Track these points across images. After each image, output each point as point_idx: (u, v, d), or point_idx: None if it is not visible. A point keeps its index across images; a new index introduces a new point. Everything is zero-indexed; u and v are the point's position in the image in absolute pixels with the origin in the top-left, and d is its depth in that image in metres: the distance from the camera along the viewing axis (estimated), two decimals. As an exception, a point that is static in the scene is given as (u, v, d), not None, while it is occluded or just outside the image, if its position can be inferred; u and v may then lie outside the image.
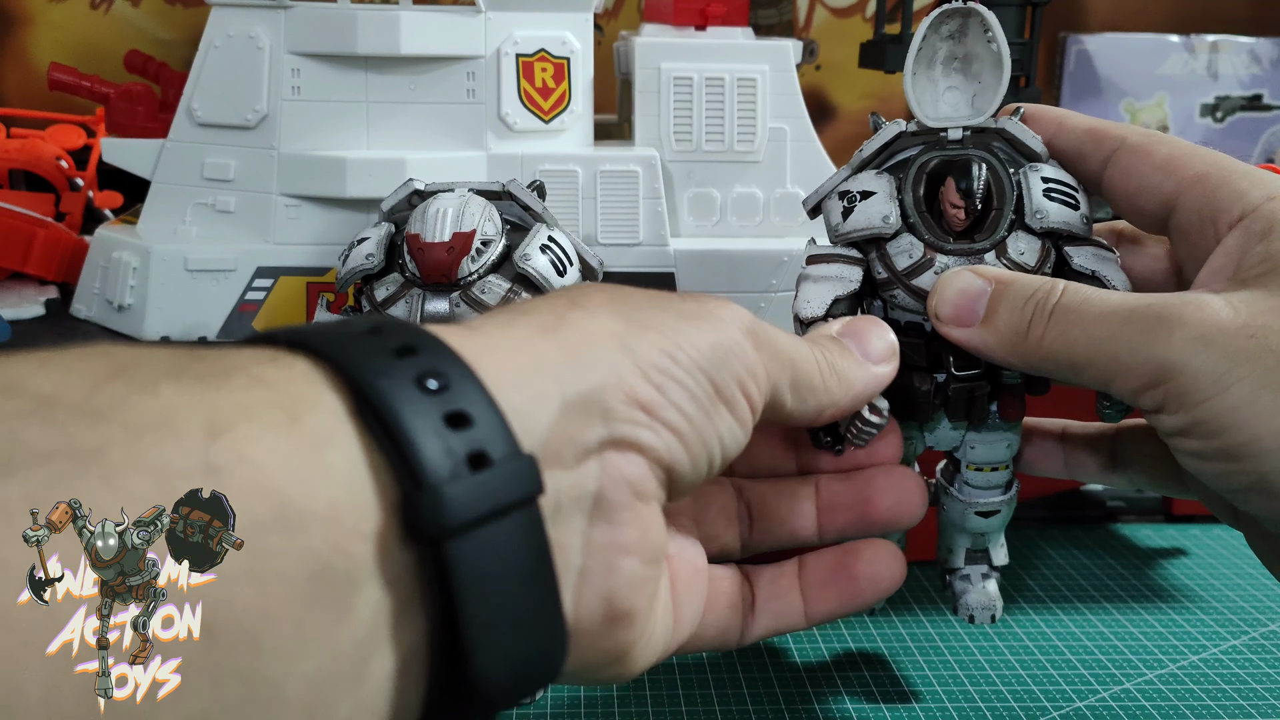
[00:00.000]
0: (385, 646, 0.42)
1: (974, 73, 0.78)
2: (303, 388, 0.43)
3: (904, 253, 0.74)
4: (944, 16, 0.77)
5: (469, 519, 0.42)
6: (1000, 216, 0.74)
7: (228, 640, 0.36)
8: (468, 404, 0.44)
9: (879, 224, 0.74)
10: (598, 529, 0.51)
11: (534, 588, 0.45)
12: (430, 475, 0.42)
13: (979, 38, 0.77)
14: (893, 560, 0.72)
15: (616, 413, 0.51)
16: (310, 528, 0.39)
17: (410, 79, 1.00)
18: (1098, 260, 0.73)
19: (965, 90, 0.78)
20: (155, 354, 0.41)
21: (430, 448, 0.42)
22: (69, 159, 1.27)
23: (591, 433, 0.50)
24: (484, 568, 0.42)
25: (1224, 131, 1.70)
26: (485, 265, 0.83)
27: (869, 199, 0.75)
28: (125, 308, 0.99)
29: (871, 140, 0.78)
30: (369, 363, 0.43)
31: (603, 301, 0.55)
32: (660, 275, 1.02)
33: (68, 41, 1.55)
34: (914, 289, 0.74)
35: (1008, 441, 0.80)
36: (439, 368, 0.45)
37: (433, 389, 0.44)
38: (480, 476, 0.43)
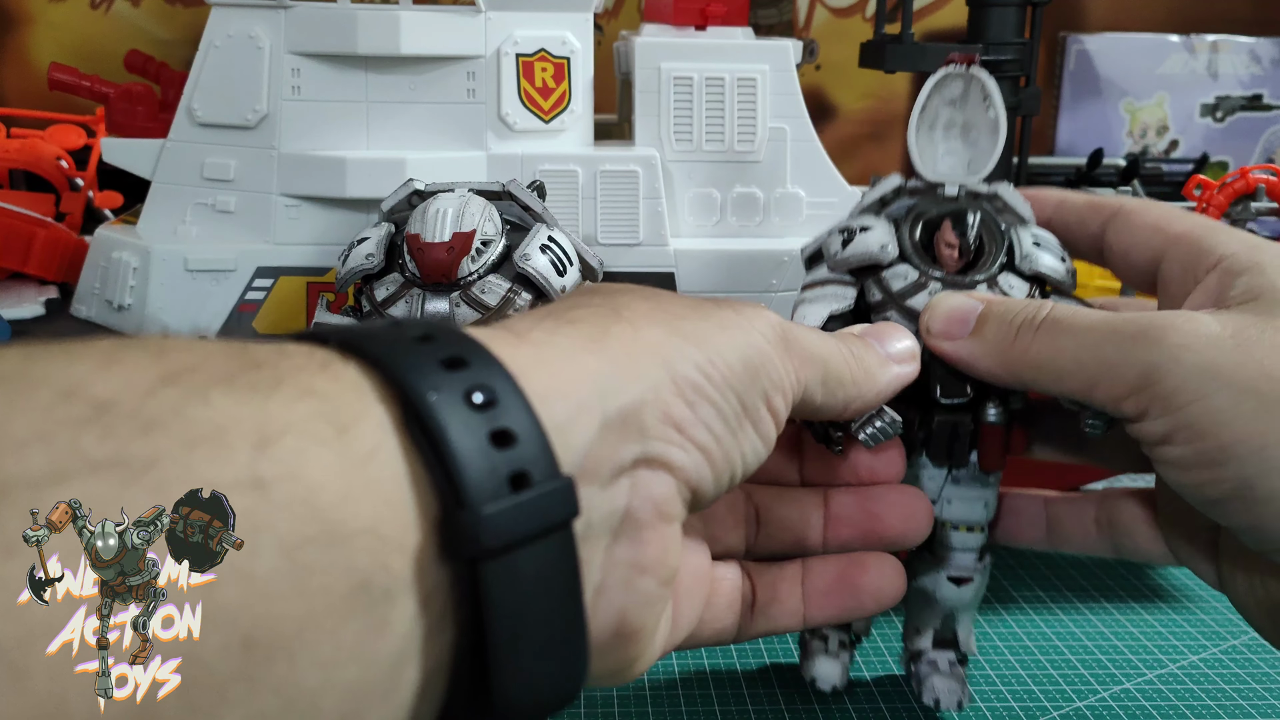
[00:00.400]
0: (415, 660, 0.42)
1: (971, 140, 0.82)
2: (351, 398, 0.43)
3: (900, 276, 0.77)
4: (947, 79, 0.81)
5: (506, 541, 0.42)
6: (991, 261, 0.77)
7: (266, 652, 0.37)
8: (513, 422, 0.44)
9: (876, 251, 0.77)
10: (621, 546, 0.51)
11: (562, 611, 0.45)
12: (472, 495, 0.42)
13: (978, 105, 0.81)
14: (896, 575, 0.73)
15: (651, 430, 0.51)
16: (353, 542, 0.39)
17: (410, 79, 1.00)
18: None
19: (962, 155, 0.83)
20: (210, 357, 0.42)
21: (475, 467, 0.42)
22: (69, 159, 1.27)
23: (628, 450, 0.50)
24: (517, 589, 0.43)
25: (1224, 131, 1.70)
26: (485, 265, 0.83)
27: (867, 232, 0.78)
28: (125, 308, 0.99)
29: (871, 191, 0.82)
30: (419, 374, 0.44)
31: (645, 311, 0.55)
32: (660, 275, 1.02)
33: (68, 41, 1.55)
34: (907, 309, 0.76)
35: (985, 500, 0.82)
36: (487, 381, 0.45)
37: (479, 404, 0.44)
38: (520, 498, 0.43)
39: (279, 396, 0.41)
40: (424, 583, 0.42)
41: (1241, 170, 1.06)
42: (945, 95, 0.82)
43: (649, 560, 0.52)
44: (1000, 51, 1.14)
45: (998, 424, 0.77)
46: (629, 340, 0.53)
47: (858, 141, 1.76)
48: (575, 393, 0.49)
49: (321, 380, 0.43)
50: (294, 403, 0.41)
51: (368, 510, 0.40)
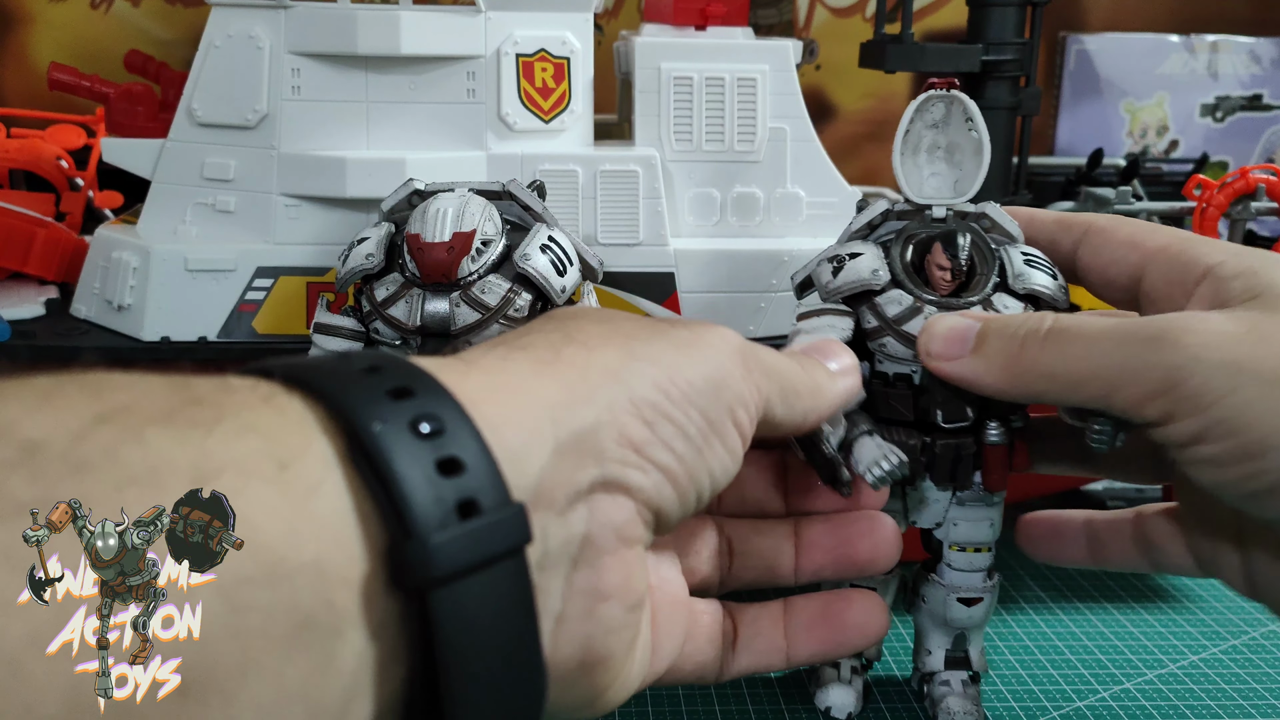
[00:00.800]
0: (366, 697, 0.41)
1: (955, 161, 0.82)
2: (294, 432, 0.42)
3: (894, 302, 0.77)
4: (928, 102, 0.81)
5: (455, 569, 0.42)
6: (984, 281, 0.78)
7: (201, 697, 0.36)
8: (460, 450, 0.44)
9: (868, 276, 0.77)
10: (580, 574, 0.51)
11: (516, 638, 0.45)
12: (419, 524, 0.41)
13: (960, 126, 0.82)
14: (880, 612, 0.73)
15: (608, 453, 0.51)
16: (294, 579, 0.39)
17: (410, 79, 1.00)
18: None
19: (947, 176, 0.83)
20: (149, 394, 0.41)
21: (420, 495, 0.42)
22: (69, 159, 1.27)
23: (584, 474, 0.50)
24: (468, 618, 0.42)
25: (1224, 131, 1.70)
26: (485, 265, 0.83)
27: (857, 258, 0.79)
28: (125, 308, 0.99)
29: (859, 216, 0.83)
30: (364, 405, 0.43)
31: (599, 334, 0.55)
32: (660, 275, 1.02)
33: (68, 41, 1.55)
34: (904, 334, 0.76)
35: (990, 520, 0.82)
36: (434, 410, 0.44)
37: (426, 433, 0.43)
38: (469, 525, 0.43)
39: (219, 433, 0.40)
40: (372, 616, 0.41)
41: (1241, 170, 1.06)
42: (927, 118, 0.82)
43: (611, 586, 0.51)
44: (1000, 51, 1.14)
45: (1000, 444, 0.78)
46: (582, 362, 0.52)
47: (858, 141, 1.76)
48: (527, 418, 0.48)
49: (264, 415, 0.42)
50: (234, 439, 0.40)
51: (310, 546, 0.39)
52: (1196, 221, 1.06)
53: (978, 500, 0.81)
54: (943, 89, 0.81)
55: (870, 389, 0.78)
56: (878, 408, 0.78)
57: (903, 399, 0.78)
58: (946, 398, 0.76)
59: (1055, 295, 0.78)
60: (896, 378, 0.78)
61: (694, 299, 1.01)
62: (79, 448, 0.37)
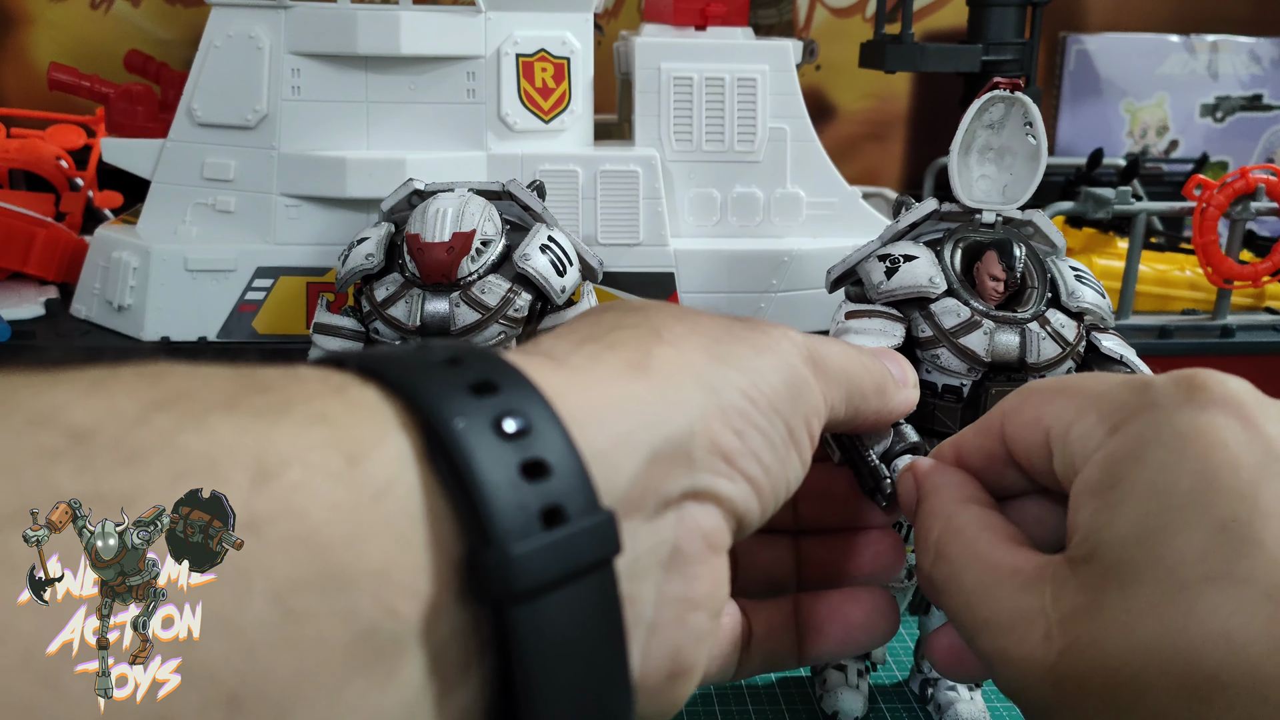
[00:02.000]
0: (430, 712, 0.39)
1: (1006, 165, 0.81)
2: (367, 425, 0.40)
3: (950, 312, 0.75)
4: (990, 103, 0.79)
5: (539, 583, 0.39)
6: (1037, 295, 0.76)
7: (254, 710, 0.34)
8: (547, 451, 0.41)
9: (925, 284, 0.76)
10: (672, 582, 0.48)
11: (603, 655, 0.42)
12: (500, 532, 0.39)
13: (1018, 130, 0.80)
14: (890, 611, 0.71)
15: (700, 462, 0.48)
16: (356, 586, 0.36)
17: (410, 79, 1.00)
18: (1123, 346, 0.77)
19: (996, 180, 0.80)
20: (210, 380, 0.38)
21: (503, 501, 0.39)
22: (69, 159, 1.27)
23: (675, 482, 0.47)
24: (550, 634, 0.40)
25: (1224, 131, 1.70)
26: (485, 265, 0.83)
27: (913, 261, 0.77)
28: (125, 308, 0.99)
29: (906, 215, 0.81)
30: (444, 399, 0.40)
31: (684, 334, 0.52)
32: (660, 275, 1.02)
33: (68, 41, 1.55)
34: (961, 348, 0.75)
35: None
36: (520, 407, 0.41)
37: (511, 432, 0.40)
38: (554, 535, 0.40)
39: (285, 423, 0.37)
40: (439, 630, 0.38)
41: (1241, 170, 1.06)
42: (985, 118, 0.80)
43: (701, 595, 0.49)
44: (1000, 51, 1.14)
45: None
46: (672, 364, 0.49)
47: (858, 141, 1.76)
48: (619, 419, 0.46)
49: (335, 405, 0.39)
50: (302, 430, 0.38)
51: (377, 550, 0.37)
52: (1196, 221, 1.06)
53: None
54: (1006, 89, 0.79)
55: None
56: (922, 419, 0.76)
57: (950, 412, 0.77)
58: (951, 406, 0.76)
59: (1104, 313, 0.77)
60: (945, 389, 0.77)
61: (694, 299, 1.01)
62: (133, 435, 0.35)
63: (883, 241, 0.81)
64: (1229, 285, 1.07)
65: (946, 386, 0.77)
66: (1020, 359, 0.75)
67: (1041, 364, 0.76)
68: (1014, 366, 0.76)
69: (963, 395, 0.77)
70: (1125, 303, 1.08)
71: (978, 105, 0.79)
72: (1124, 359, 0.76)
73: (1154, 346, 1.05)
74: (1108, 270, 1.14)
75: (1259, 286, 1.09)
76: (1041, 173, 0.79)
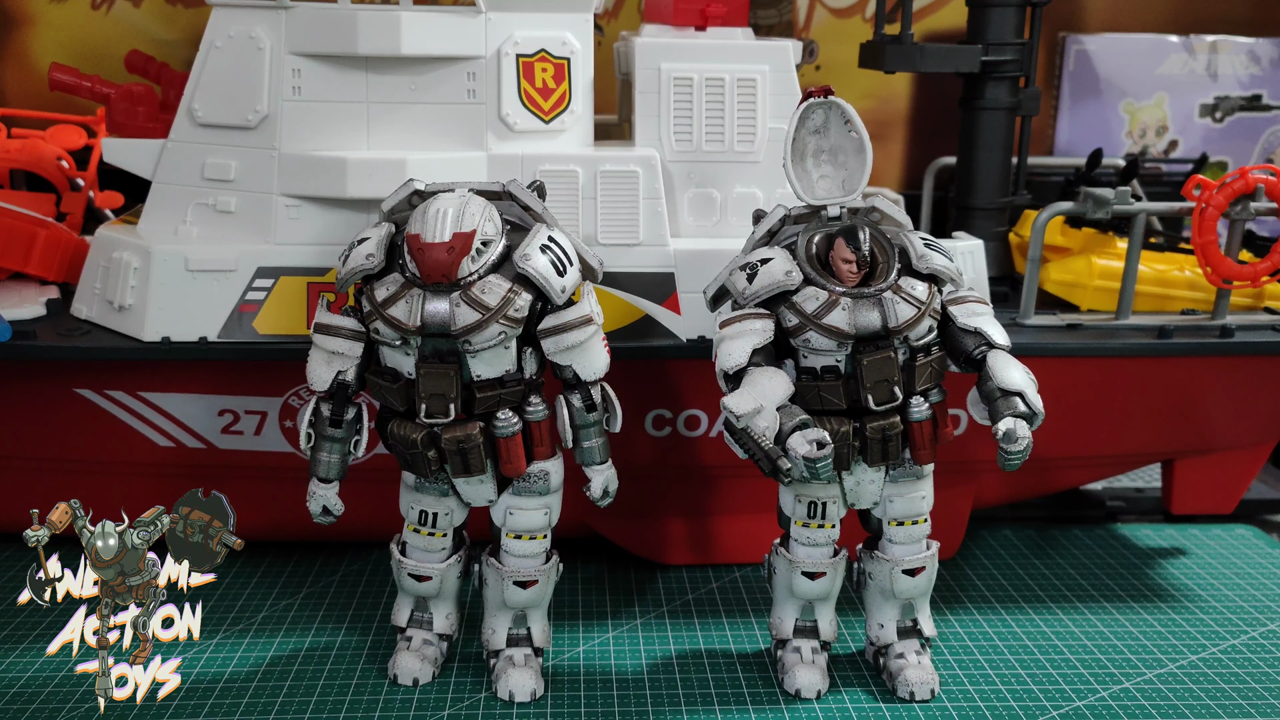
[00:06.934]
0: None
1: (840, 162, 0.88)
2: None
3: (811, 298, 0.84)
4: (809, 110, 0.87)
5: None
6: (887, 268, 0.85)
7: None
8: None
9: (782, 278, 0.84)
10: None
11: None
12: None
13: (840, 129, 0.88)
14: None
15: None
16: None
17: (410, 79, 1.00)
18: (977, 317, 0.86)
19: (834, 177, 0.88)
20: None
21: None
22: (70, 159, 1.27)
23: None
24: None
25: (1224, 132, 1.70)
26: (485, 265, 0.83)
27: (769, 263, 0.85)
28: (126, 308, 0.99)
29: (760, 225, 0.89)
30: None
31: None
32: (660, 275, 1.02)
33: (68, 42, 1.55)
34: (825, 326, 0.83)
35: (923, 493, 0.90)
36: None
37: None
38: None
39: None
40: None
41: (1241, 170, 1.06)
42: (809, 125, 0.88)
43: None
44: (1000, 52, 1.14)
45: (925, 419, 0.85)
46: None
47: (858, 142, 1.75)
48: None
49: None
50: None
51: None
52: (1196, 222, 1.05)
53: (909, 475, 0.88)
54: (819, 95, 0.86)
55: (800, 385, 0.84)
56: (809, 401, 0.84)
57: (833, 389, 0.84)
58: (875, 382, 0.83)
59: (953, 275, 0.86)
60: (825, 370, 0.84)
61: (694, 299, 1.01)
62: None
63: (744, 252, 0.89)
64: (1228, 285, 1.07)
65: (825, 367, 0.85)
66: (884, 325, 0.83)
67: (901, 325, 0.84)
68: (880, 334, 0.84)
69: (841, 372, 0.85)
70: (1125, 303, 1.08)
71: (798, 114, 0.87)
72: (979, 329, 0.85)
73: (1154, 347, 1.05)
74: (1107, 270, 1.13)
75: (1258, 286, 1.09)
76: (869, 163, 0.87)
